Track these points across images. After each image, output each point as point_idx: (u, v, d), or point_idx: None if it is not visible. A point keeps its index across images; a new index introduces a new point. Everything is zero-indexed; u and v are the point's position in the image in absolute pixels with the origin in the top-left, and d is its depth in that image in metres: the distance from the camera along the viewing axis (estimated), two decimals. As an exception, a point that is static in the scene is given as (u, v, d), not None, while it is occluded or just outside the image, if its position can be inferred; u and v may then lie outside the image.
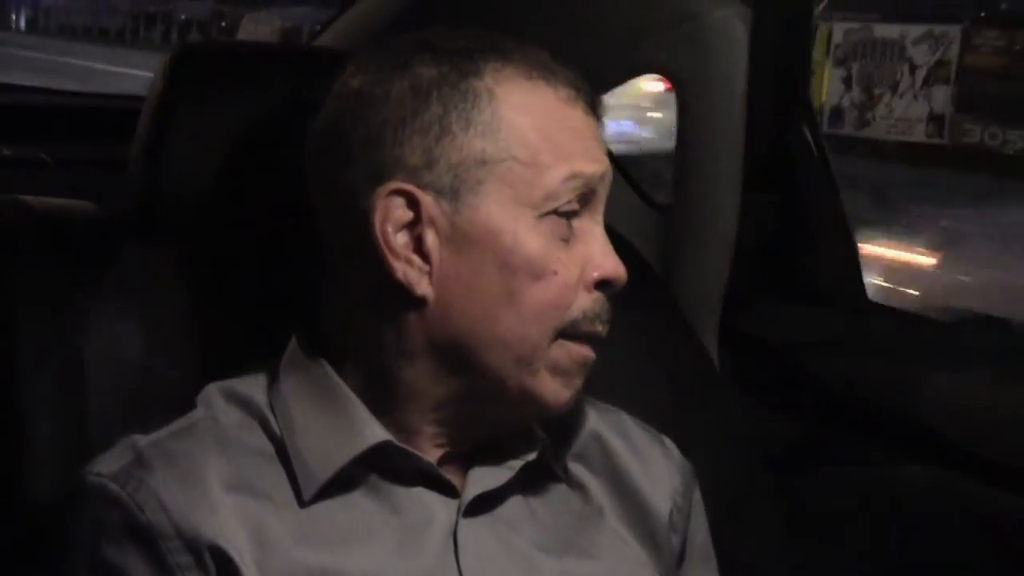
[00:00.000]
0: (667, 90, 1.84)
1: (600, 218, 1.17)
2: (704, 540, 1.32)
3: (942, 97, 12.47)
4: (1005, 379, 1.64)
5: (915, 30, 12.36)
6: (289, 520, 1.12)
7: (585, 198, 1.14)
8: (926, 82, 12.20)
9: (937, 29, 12.47)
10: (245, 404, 1.18)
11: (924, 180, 9.68)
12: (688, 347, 1.63)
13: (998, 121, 12.14)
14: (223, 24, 22.41)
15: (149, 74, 1.40)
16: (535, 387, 1.14)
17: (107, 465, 1.13)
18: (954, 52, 12.57)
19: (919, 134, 12.08)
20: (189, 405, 1.18)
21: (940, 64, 12.58)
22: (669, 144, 1.86)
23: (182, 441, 1.14)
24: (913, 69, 12.32)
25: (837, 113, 12.71)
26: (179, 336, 1.31)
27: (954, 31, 12.70)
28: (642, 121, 6.77)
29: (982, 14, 12.93)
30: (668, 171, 1.88)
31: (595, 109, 1.17)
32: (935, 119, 12.34)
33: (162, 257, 1.34)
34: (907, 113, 12.22)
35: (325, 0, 22.25)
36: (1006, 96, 12.13)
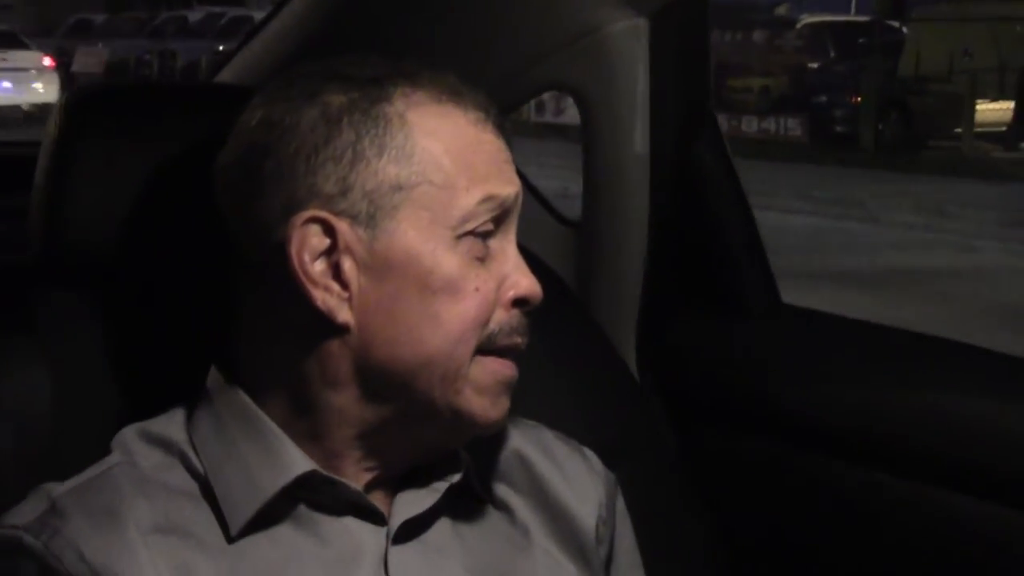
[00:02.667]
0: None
1: (513, 237, 1.17)
2: (630, 548, 1.33)
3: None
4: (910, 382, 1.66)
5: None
6: (216, 558, 1.10)
7: (499, 219, 1.15)
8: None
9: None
10: (164, 444, 1.16)
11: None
12: (606, 361, 1.63)
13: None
14: (64, 59, 24.53)
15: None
16: (462, 405, 1.14)
17: (20, 516, 1.11)
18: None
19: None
20: (105, 451, 1.17)
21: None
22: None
23: (98, 487, 1.13)
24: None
25: (540, 104, 15.93)
26: (90, 382, 1.29)
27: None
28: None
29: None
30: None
31: (503, 130, 1.17)
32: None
33: (67, 303, 1.32)
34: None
35: (153, 33, 23.62)
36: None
